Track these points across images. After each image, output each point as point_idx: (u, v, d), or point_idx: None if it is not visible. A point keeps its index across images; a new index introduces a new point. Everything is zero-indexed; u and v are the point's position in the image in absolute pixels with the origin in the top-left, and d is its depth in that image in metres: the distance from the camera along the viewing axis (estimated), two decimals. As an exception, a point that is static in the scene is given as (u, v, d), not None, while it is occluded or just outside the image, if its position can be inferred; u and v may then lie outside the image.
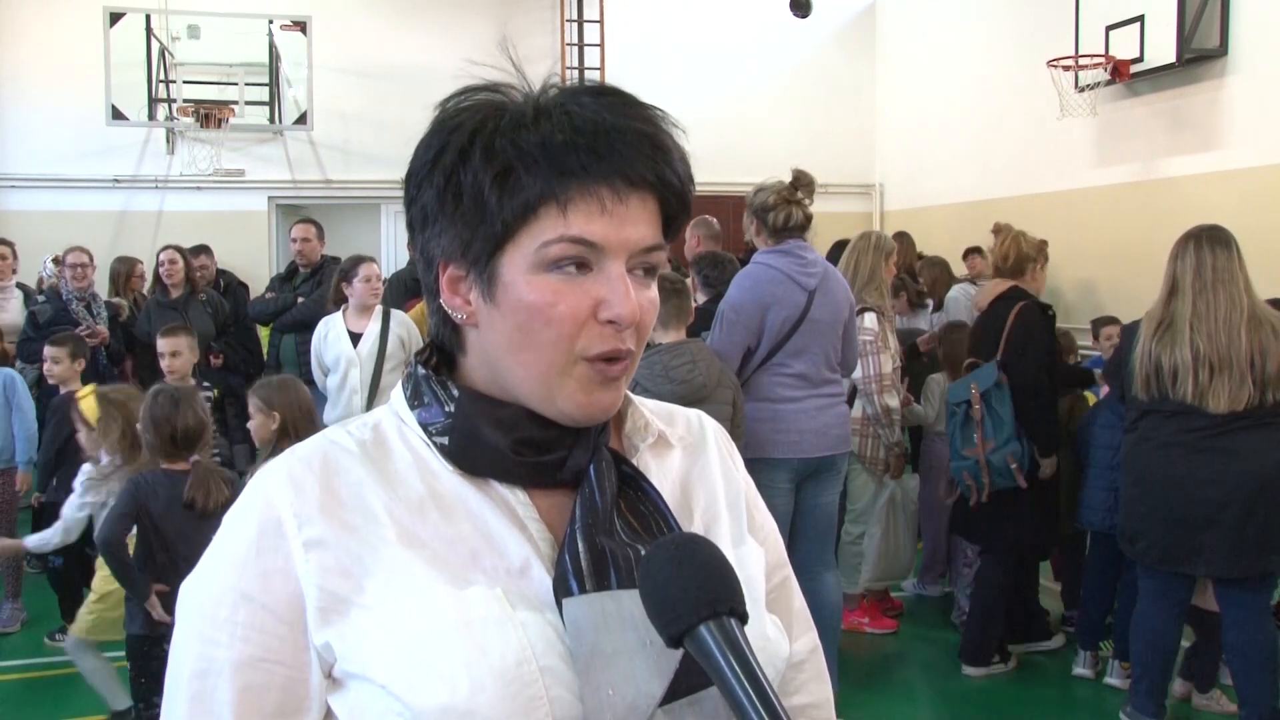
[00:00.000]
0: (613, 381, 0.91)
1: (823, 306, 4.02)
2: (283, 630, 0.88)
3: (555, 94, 0.92)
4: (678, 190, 0.93)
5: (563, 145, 0.87)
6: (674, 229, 0.96)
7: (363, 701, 0.87)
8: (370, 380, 5.21)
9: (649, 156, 0.90)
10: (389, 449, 0.95)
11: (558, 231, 0.87)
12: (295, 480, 0.91)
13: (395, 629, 0.85)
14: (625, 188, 0.89)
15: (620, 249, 0.89)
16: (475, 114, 0.91)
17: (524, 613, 0.87)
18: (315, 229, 6.73)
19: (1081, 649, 4.64)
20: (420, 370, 0.98)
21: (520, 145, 0.87)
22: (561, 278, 0.88)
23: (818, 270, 4.05)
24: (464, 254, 0.91)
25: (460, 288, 0.93)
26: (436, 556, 0.89)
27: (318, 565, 0.88)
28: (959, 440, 4.47)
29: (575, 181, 0.87)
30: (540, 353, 0.90)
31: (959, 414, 4.47)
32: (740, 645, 0.77)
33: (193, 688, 0.89)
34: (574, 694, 0.85)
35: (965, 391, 4.45)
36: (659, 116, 0.94)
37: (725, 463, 1.09)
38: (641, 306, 0.90)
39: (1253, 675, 3.75)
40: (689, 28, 12.01)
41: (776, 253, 4.03)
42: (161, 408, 3.52)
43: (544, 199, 0.87)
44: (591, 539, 0.89)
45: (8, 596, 5.27)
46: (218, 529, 0.95)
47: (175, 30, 10.75)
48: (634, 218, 0.90)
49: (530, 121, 0.89)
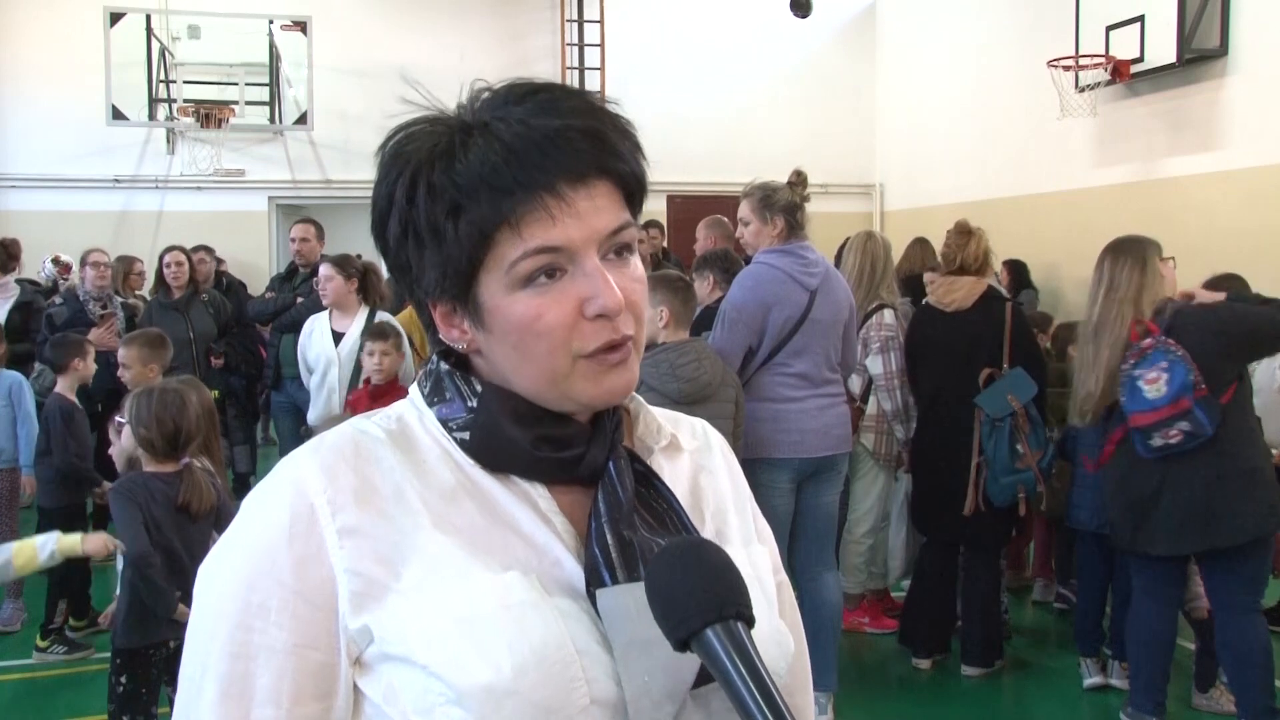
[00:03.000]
0: (619, 365, 0.93)
1: (824, 306, 4.02)
2: (317, 616, 0.89)
3: (483, 106, 0.92)
4: (626, 171, 0.93)
5: (495, 167, 0.88)
6: (636, 203, 0.96)
7: (400, 682, 0.88)
8: (349, 380, 5.22)
9: (585, 151, 0.89)
10: (415, 440, 0.96)
11: (519, 249, 0.88)
12: (328, 468, 0.91)
13: (437, 612, 0.87)
14: (569, 188, 0.89)
15: (586, 244, 0.90)
16: (412, 151, 0.92)
17: (559, 598, 0.89)
18: (315, 229, 6.73)
19: (1082, 655, 4.63)
20: (443, 366, 0.99)
21: (456, 180, 0.88)
22: (539, 290, 0.90)
23: (819, 270, 4.06)
24: (443, 290, 0.93)
25: (454, 320, 0.95)
26: (472, 543, 0.91)
27: (353, 551, 0.89)
28: (1005, 455, 4.37)
29: (516, 198, 0.88)
30: (540, 364, 0.91)
31: (1003, 427, 4.37)
32: (746, 648, 0.78)
33: (223, 673, 0.90)
34: (610, 677, 0.87)
35: (1003, 404, 4.38)
36: (592, 102, 0.93)
37: (730, 468, 1.12)
38: (626, 288, 0.91)
39: (1247, 675, 3.76)
40: (689, 27, 12.01)
41: (779, 252, 4.04)
42: (165, 405, 3.39)
43: (494, 223, 0.88)
44: (618, 531, 0.91)
45: (8, 595, 5.28)
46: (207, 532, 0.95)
47: (175, 30, 10.75)
48: (588, 211, 0.90)
49: (460, 149, 0.89)
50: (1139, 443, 3.73)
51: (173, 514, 3.35)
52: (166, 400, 3.41)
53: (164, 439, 3.38)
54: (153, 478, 3.38)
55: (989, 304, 4.51)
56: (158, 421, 3.37)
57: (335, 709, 0.90)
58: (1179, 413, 3.62)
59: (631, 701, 0.87)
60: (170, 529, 3.34)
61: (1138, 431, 3.71)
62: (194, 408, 3.47)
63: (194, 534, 3.39)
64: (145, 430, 3.39)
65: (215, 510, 3.46)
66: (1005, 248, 9.60)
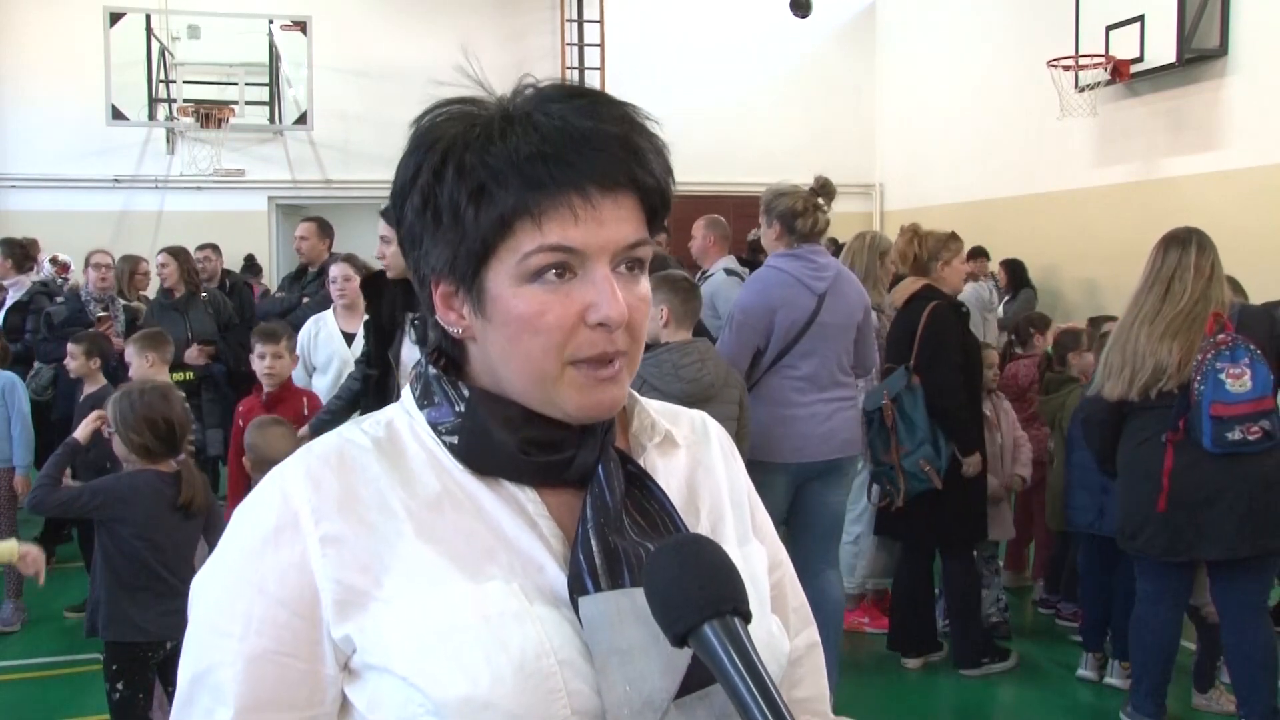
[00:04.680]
0: (608, 381, 0.92)
1: (833, 310, 4.03)
2: (297, 624, 0.89)
3: (525, 100, 0.92)
4: (654, 188, 0.93)
5: (530, 157, 0.87)
6: (657, 222, 0.96)
7: (382, 693, 0.88)
8: None
9: (619, 159, 0.90)
10: (403, 446, 0.96)
11: (535, 242, 0.88)
12: (313, 476, 0.92)
13: (416, 622, 0.87)
14: (597, 193, 0.89)
15: (601, 251, 0.90)
16: (448, 130, 0.92)
17: (541, 607, 0.88)
18: (317, 227, 6.72)
19: (1086, 650, 4.64)
20: (431, 370, 0.99)
21: (489, 162, 0.88)
22: (546, 287, 0.89)
23: (829, 274, 4.07)
24: (451, 271, 0.92)
25: (453, 303, 0.95)
26: (454, 552, 0.90)
27: (335, 560, 0.89)
28: (877, 447, 4.44)
29: (545, 193, 0.88)
30: (530, 362, 0.91)
31: (875, 421, 4.43)
32: (744, 643, 0.79)
33: (203, 679, 0.90)
34: (591, 687, 0.87)
35: (879, 399, 4.44)
36: (632, 114, 0.93)
37: (728, 463, 1.11)
38: (630, 305, 0.91)
39: (1252, 676, 3.75)
40: (689, 28, 12.02)
41: (788, 256, 4.06)
42: (151, 405, 3.28)
43: (517, 213, 0.88)
44: (604, 537, 0.91)
45: (9, 595, 5.28)
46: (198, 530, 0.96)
47: (175, 30, 10.77)
48: (611, 219, 0.90)
49: (498, 135, 0.89)
50: (1209, 435, 3.59)
51: (172, 513, 3.30)
52: (150, 400, 3.31)
53: (158, 439, 3.29)
54: (153, 477, 3.30)
55: (912, 305, 4.50)
56: (147, 422, 3.27)
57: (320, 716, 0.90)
58: (1263, 410, 3.57)
59: (611, 710, 0.86)
60: (168, 529, 3.29)
61: (1215, 422, 3.58)
62: (177, 401, 3.39)
63: (188, 532, 3.37)
64: (136, 435, 3.28)
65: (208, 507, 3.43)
66: (1005, 248, 9.63)
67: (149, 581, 3.27)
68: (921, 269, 4.56)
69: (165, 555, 3.29)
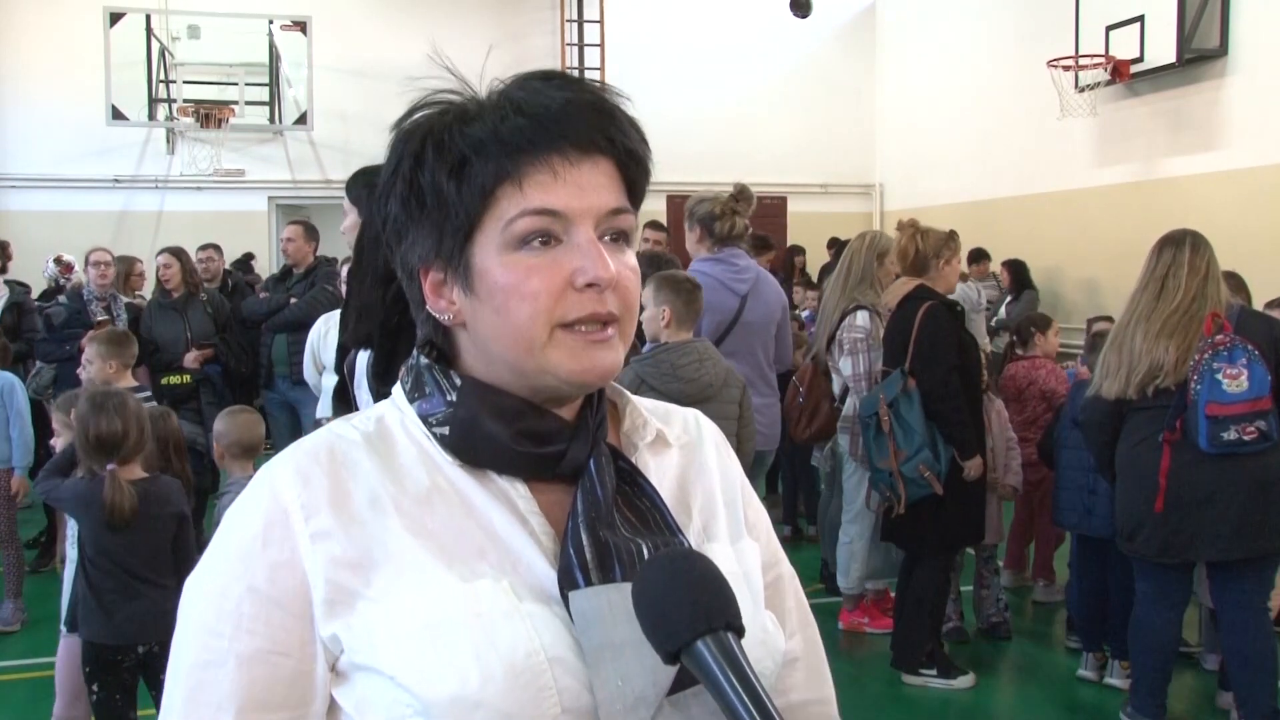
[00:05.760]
0: (601, 345, 0.91)
1: (755, 310, 4.38)
2: (289, 622, 0.88)
3: (502, 85, 0.94)
4: (631, 151, 0.93)
5: (510, 127, 0.89)
6: (637, 193, 0.96)
7: (370, 693, 0.87)
8: None
9: (595, 123, 0.91)
10: (393, 441, 0.95)
11: (518, 207, 0.89)
12: (302, 473, 0.91)
13: (404, 621, 0.86)
14: (576, 153, 0.90)
15: (584, 215, 0.90)
16: (425, 119, 0.93)
17: (530, 604, 0.88)
18: (303, 230, 6.74)
19: (1085, 650, 4.63)
20: (422, 360, 0.99)
21: (469, 135, 0.89)
22: (532, 254, 0.89)
23: (749, 276, 4.41)
24: (438, 253, 0.92)
25: (443, 290, 0.94)
26: (444, 549, 0.90)
27: (325, 557, 0.88)
28: (874, 453, 4.41)
29: (525, 156, 0.89)
30: (519, 330, 0.90)
31: (871, 426, 4.41)
32: (738, 659, 0.78)
33: (193, 679, 0.90)
34: (582, 684, 0.86)
35: (874, 404, 4.41)
36: (606, 89, 0.95)
37: (722, 460, 1.10)
38: (619, 273, 0.91)
39: (1251, 677, 3.74)
40: (689, 28, 12.02)
41: (710, 260, 4.38)
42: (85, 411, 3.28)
43: (499, 179, 0.89)
44: (594, 531, 0.90)
45: (9, 595, 5.27)
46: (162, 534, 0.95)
47: (175, 30, 10.77)
48: (592, 183, 0.91)
49: (475, 114, 0.91)
50: (1205, 435, 3.59)
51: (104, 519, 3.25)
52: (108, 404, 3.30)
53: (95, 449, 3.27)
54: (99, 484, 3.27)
55: (906, 306, 4.47)
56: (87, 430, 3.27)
57: (310, 716, 0.90)
58: (1259, 410, 3.57)
59: (603, 705, 0.85)
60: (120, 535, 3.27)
61: (1211, 422, 3.58)
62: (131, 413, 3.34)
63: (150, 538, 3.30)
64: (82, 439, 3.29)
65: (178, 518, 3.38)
66: (1005, 248, 9.63)
67: (116, 584, 3.26)
68: (922, 266, 4.53)
69: (131, 560, 3.26)
